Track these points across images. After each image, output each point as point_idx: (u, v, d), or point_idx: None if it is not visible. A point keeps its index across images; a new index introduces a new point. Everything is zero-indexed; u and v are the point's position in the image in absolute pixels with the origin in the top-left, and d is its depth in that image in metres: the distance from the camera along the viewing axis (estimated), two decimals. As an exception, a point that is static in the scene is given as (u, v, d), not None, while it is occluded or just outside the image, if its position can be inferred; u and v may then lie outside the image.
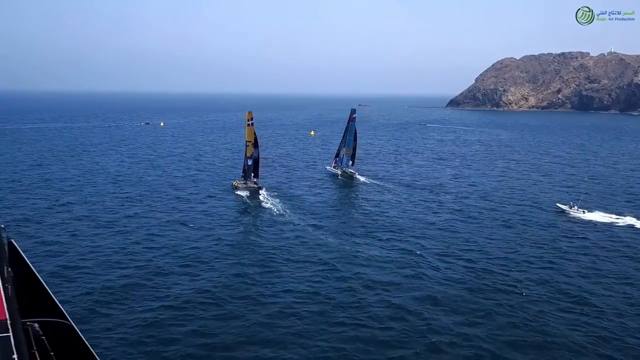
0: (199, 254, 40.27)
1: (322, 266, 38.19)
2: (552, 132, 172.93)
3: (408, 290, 33.79)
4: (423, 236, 46.53)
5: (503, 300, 32.14)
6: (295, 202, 58.67)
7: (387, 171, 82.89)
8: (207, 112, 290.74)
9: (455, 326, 28.68)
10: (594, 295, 33.52)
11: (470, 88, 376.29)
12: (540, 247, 43.83)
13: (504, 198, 62.86)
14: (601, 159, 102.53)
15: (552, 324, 29.24)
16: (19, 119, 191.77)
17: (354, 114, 76.47)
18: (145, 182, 68.63)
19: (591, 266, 39.34)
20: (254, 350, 26.02)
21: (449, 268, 38.13)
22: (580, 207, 54.70)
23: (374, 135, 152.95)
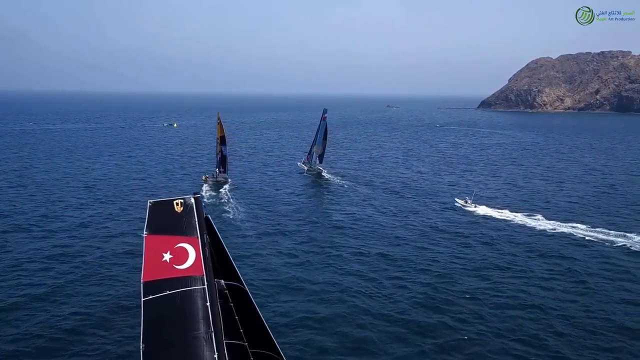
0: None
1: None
2: (583, 134, 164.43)
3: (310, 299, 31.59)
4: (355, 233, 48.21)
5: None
6: (250, 195, 63.69)
7: (355, 170, 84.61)
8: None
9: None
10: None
11: (503, 89, 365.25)
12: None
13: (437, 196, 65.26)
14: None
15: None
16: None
17: (325, 113, 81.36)
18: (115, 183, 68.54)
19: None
20: None
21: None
22: (474, 201, 58.29)
23: (387, 137, 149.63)
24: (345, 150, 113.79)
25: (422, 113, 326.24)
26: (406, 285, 35.08)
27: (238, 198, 61.17)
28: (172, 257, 11.32)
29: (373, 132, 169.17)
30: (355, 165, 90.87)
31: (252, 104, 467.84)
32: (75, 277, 35.17)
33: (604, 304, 32.43)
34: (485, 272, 37.93)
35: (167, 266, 11.28)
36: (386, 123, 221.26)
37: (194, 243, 11.38)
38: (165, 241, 11.36)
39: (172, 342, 11.15)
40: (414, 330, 28.64)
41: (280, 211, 55.70)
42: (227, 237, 43.61)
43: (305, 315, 29.76)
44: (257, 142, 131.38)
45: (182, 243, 11.41)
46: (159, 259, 11.33)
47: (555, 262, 40.46)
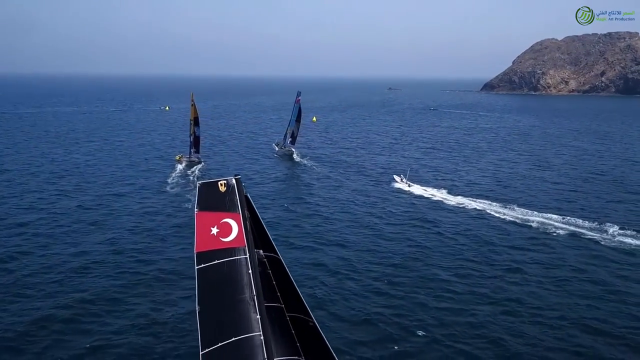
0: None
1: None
2: (583, 118, 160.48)
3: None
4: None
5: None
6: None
7: (330, 153, 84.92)
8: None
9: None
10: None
11: (506, 71, 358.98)
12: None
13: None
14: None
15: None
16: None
17: (299, 96, 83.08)
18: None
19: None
20: None
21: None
22: (409, 179, 60.72)
23: (380, 121, 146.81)
24: (328, 134, 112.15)
25: (423, 96, 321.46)
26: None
27: (208, 177, 62.29)
28: (219, 231, 13.04)
29: (368, 116, 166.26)
30: (331, 149, 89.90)
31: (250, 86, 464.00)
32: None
33: (532, 294, 30.72)
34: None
35: (215, 239, 13.00)
36: (384, 106, 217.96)
37: (236, 218, 13.08)
38: (212, 217, 13.05)
39: (222, 304, 12.96)
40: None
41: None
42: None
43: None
44: (247, 125, 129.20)
45: (226, 218, 13.11)
46: (208, 232, 13.05)
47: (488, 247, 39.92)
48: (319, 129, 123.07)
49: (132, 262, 35.54)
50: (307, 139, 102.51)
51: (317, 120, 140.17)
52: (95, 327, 26.89)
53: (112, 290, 31.14)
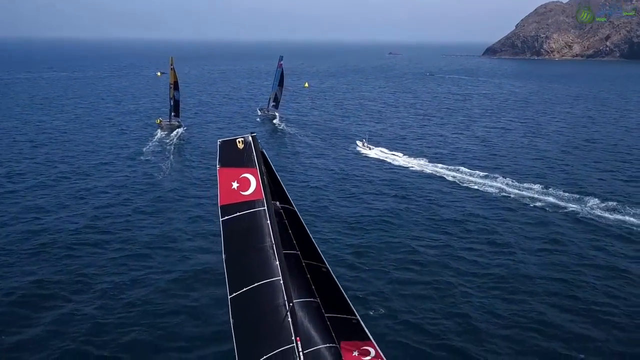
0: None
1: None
2: (583, 83, 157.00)
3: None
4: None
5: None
6: (196, 138, 68.07)
7: (311, 119, 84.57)
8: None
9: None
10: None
11: (509, 35, 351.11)
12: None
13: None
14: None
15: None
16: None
17: (281, 60, 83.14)
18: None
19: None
20: None
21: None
22: (369, 143, 61.67)
23: (373, 86, 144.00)
24: (317, 100, 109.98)
25: (423, 61, 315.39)
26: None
27: (185, 141, 65.81)
28: (239, 185, 14.02)
29: (364, 81, 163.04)
30: (316, 115, 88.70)
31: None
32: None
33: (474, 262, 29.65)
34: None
35: (236, 193, 14.01)
36: (382, 71, 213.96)
37: (254, 173, 14.03)
38: (232, 172, 14.00)
39: (245, 252, 14.12)
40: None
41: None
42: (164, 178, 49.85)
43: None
44: (234, 91, 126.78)
45: (245, 174, 14.04)
46: (230, 187, 14.03)
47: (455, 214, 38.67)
48: (310, 94, 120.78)
49: (117, 230, 34.89)
50: (294, 104, 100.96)
51: (310, 86, 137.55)
52: (139, 275, 28.97)
53: (149, 247, 32.95)
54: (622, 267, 30.77)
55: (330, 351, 16.05)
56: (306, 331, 15.62)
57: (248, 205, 14.15)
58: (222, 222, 14.15)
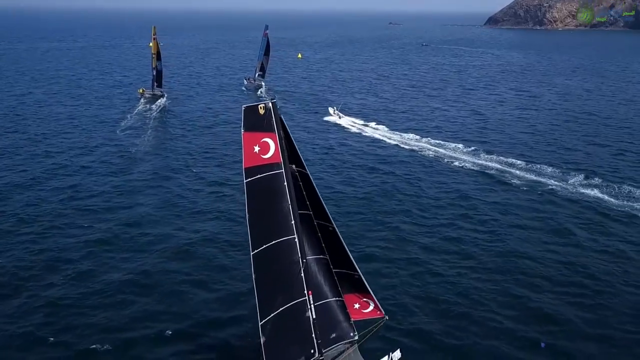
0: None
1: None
2: (583, 54, 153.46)
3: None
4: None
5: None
6: (182, 107, 68.42)
7: (297, 89, 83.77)
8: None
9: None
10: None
11: (512, 4, 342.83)
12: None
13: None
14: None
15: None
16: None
17: (266, 29, 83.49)
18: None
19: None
20: None
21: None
22: (341, 112, 62.07)
23: (368, 58, 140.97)
24: (309, 71, 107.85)
25: (424, 31, 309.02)
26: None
27: (167, 112, 65.50)
28: (260, 149, 15.10)
29: (360, 52, 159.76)
30: (304, 86, 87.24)
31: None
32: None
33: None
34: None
35: (257, 156, 15.07)
36: (380, 42, 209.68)
37: (273, 138, 15.16)
38: (254, 137, 15.04)
39: (266, 211, 15.50)
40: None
41: (202, 122, 59.92)
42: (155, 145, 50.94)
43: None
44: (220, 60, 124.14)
45: (265, 138, 15.13)
46: (252, 150, 15.13)
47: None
48: (303, 65, 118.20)
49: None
50: (285, 75, 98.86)
51: (304, 57, 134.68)
52: (173, 234, 30.68)
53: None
54: (598, 247, 29.73)
55: (337, 304, 18.03)
56: (317, 285, 17.32)
57: (268, 168, 15.50)
58: (246, 184, 15.47)
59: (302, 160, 16.35)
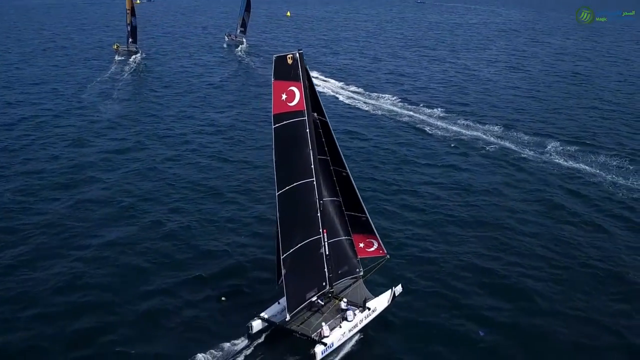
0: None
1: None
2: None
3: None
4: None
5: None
6: (157, 63, 68.55)
7: (279, 49, 79.00)
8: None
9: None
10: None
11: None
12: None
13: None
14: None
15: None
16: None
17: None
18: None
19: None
20: None
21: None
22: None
23: (366, 15, 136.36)
24: (296, 30, 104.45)
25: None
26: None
27: (143, 68, 65.29)
28: (286, 97, 16.36)
29: (355, 10, 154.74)
30: (288, 45, 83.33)
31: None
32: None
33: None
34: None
35: (284, 103, 16.38)
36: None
37: (299, 87, 16.52)
38: (282, 85, 16.23)
39: (290, 156, 16.85)
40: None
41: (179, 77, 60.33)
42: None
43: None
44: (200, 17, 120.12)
45: (291, 86, 16.41)
46: (280, 98, 16.30)
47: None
48: (290, 24, 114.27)
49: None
50: (269, 34, 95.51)
51: (293, 15, 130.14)
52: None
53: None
54: (566, 217, 28.37)
55: (347, 242, 19.86)
56: (330, 225, 18.98)
57: (292, 115, 16.75)
58: (274, 130, 16.58)
59: (323, 109, 17.84)
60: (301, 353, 18.06)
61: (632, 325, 20.18)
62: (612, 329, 19.96)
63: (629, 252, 25.14)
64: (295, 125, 16.92)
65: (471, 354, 18.68)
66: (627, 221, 28.13)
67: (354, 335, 18.87)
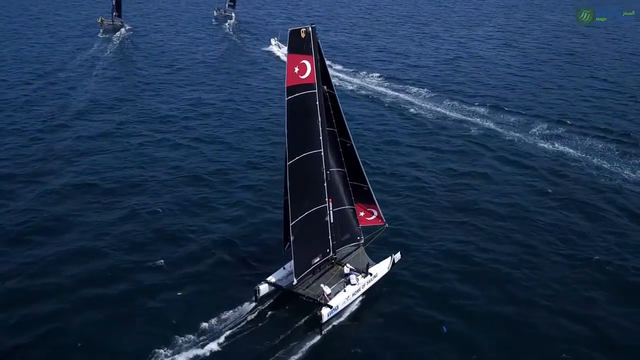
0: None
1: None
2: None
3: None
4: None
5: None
6: (142, 38, 67.64)
7: (267, 26, 78.87)
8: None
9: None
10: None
11: None
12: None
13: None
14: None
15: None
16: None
17: None
18: None
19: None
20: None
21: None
22: (281, 41, 59.18)
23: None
24: (288, 6, 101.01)
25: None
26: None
27: (128, 43, 64.50)
28: (299, 70, 17.17)
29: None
30: (278, 22, 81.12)
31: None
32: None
33: None
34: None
35: (296, 76, 17.15)
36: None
37: (310, 60, 17.27)
38: (295, 58, 17.05)
39: (301, 127, 17.75)
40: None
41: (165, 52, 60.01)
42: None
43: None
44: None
45: (303, 60, 17.19)
46: (293, 71, 17.08)
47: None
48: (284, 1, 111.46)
49: None
50: (261, 10, 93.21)
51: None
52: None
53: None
54: (544, 205, 27.49)
55: (350, 211, 20.69)
56: (336, 194, 19.75)
57: (304, 87, 17.35)
58: (287, 102, 17.19)
59: (332, 82, 18.71)
60: (307, 315, 18.93)
61: (603, 316, 19.58)
62: (583, 318, 19.38)
63: (607, 242, 24.32)
64: (306, 98, 17.60)
65: (438, 341, 18.39)
66: (608, 209, 27.18)
67: (356, 300, 19.74)
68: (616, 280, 21.56)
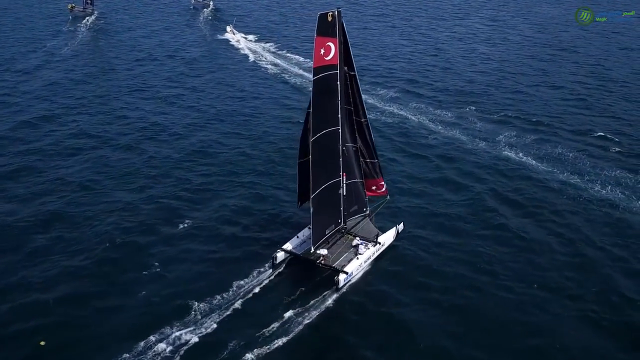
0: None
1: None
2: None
3: None
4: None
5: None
6: (111, 25, 66.59)
7: (252, 17, 76.51)
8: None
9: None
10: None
11: None
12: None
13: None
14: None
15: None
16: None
17: None
18: None
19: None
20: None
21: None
22: (235, 27, 61.99)
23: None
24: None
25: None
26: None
27: (100, 30, 63.75)
28: (324, 52, 18.59)
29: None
30: (253, 6, 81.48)
31: None
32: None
33: None
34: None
35: (322, 57, 18.58)
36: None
37: (334, 42, 18.72)
38: (322, 41, 18.44)
39: (324, 105, 19.24)
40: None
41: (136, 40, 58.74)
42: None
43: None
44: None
45: (329, 42, 18.62)
46: (319, 52, 18.54)
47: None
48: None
49: None
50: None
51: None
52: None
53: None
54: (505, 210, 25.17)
55: (360, 184, 22.40)
56: (348, 168, 21.31)
57: (328, 68, 18.69)
58: (313, 82, 18.63)
59: (353, 64, 19.86)
60: (322, 281, 20.69)
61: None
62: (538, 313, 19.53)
63: (558, 267, 22.04)
64: (329, 78, 18.93)
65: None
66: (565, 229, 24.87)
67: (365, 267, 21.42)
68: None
